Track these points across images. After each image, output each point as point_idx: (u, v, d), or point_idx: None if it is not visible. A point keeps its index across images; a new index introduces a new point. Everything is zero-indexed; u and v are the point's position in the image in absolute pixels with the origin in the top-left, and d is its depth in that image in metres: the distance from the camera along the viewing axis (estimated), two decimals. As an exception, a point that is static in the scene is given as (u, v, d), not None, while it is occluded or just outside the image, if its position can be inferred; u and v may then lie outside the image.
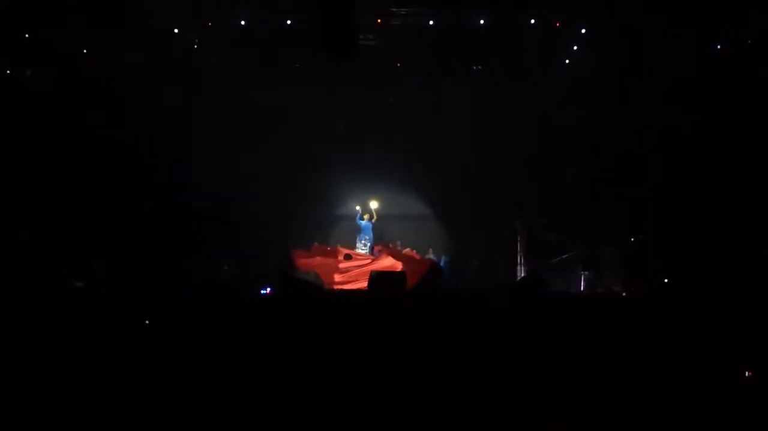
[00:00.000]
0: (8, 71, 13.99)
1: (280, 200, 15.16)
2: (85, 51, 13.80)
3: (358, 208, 15.19)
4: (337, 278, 13.18)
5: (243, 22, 13.48)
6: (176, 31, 13.67)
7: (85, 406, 6.31)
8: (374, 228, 15.18)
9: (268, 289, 11.18)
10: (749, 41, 12.97)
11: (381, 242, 15.04)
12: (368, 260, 13.59)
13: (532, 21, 13.26)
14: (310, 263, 13.39)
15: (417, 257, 14.44)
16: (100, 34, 13.29)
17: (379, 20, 13.53)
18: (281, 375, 7.07)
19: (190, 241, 13.89)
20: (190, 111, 14.21)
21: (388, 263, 13.38)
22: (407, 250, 14.79)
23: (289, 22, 13.42)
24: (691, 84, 13.00)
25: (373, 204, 15.07)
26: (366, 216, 15.11)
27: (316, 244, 14.84)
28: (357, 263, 13.53)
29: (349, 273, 13.24)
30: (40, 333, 7.56)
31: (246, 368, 7.19)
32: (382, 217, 15.21)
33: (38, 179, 13.39)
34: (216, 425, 6.38)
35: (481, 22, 13.32)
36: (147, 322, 8.63)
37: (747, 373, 7.13)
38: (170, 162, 13.74)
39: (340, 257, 13.73)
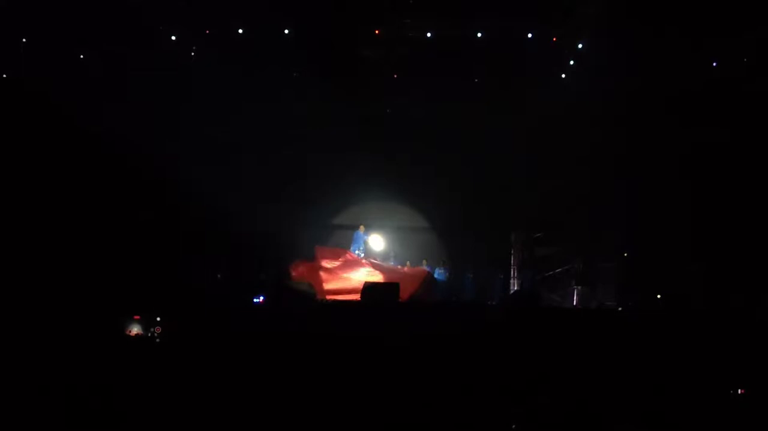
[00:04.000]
0: (4, 75, 13.96)
1: (275, 209, 15.10)
2: (81, 56, 13.79)
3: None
4: (326, 286, 13.16)
5: (240, 31, 13.49)
6: (173, 38, 13.67)
7: (86, 407, 6.30)
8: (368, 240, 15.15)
9: (261, 298, 11.17)
10: (745, 59, 13.08)
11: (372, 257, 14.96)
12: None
13: (530, 35, 13.33)
14: (307, 272, 13.36)
15: (407, 269, 14.36)
16: (98, 40, 13.28)
17: (377, 32, 13.56)
18: (272, 382, 7.06)
19: (185, 249, 13.85)
20: (187, 119, 14.19)
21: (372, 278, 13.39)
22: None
23: (286, 31, 13.44)
24: (687, 100, 13.09)
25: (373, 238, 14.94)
26: (361, 227, 15.03)
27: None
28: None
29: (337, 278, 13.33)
30: (38, 337, 7.58)
31: (237, 374, 7.18)
32: (379, 227, 15.19)
33: (34, 183, 13.34)
34: (211, 427, 6.38)
35: (479, 35, 13.38)
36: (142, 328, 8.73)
37: (740, 390, 7.13)
38: (166, 169, 13.70)
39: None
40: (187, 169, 13.87)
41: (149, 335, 9.06)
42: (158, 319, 9.19)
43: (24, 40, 13.28)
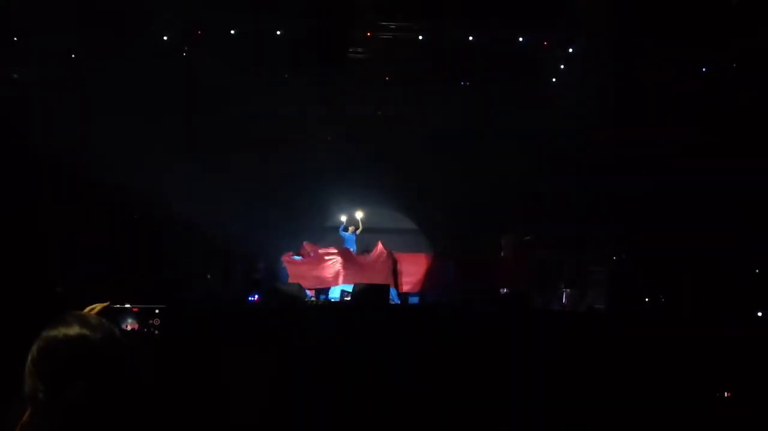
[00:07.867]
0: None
1: (266, 210, 15.09)
2: (73, 56, 13.73)
3: (343, 218, 15.25)
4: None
5: (233, 31, 13.49)
6: (165, 38, 13.64)
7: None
8: (358, 240, 15.20)
9: (256, 296, 11.21)
10: (734, 64, 13.17)
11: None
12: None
13: (521, 39, 13.40)
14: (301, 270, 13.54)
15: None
16: (88, 39, 13.22)
17: (369, 33, 13.59)
18: (268, 382, 7.07)
19: (175, 250, 13.83)
20: (177, 119, 14.16)
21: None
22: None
23: (279, 32, 13.45)
24: (678, 106, 13.17)
25: (359, 214, 15.18)
26: (351, 228, 15.13)
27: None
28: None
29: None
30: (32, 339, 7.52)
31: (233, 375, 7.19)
32: (367, 229, 15.22)
33: (22, 185, 13.29)
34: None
35: (470, 38, 13.43)
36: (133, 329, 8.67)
37: (726, 393, 7.18)
38: (154, 170, 13.65)
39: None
40: (176, 169, 13.85)
41: (145, 329, 8.85)
42: (156, 311, 8.96)
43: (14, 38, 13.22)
